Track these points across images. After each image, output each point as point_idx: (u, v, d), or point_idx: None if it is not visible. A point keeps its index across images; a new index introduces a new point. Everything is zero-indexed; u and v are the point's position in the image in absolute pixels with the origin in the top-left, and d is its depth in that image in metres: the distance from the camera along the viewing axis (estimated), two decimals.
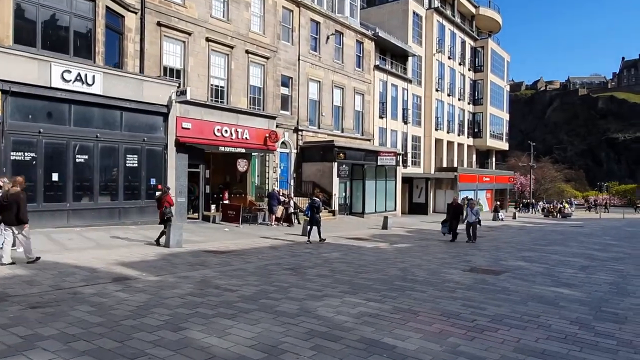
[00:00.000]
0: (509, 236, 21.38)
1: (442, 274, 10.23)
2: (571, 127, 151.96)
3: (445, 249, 15.06)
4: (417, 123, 40.27)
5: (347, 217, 28.10)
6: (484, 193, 48.65)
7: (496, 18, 50.19)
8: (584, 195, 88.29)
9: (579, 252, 15.50)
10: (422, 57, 40.36)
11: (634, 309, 7.59)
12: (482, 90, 47.98)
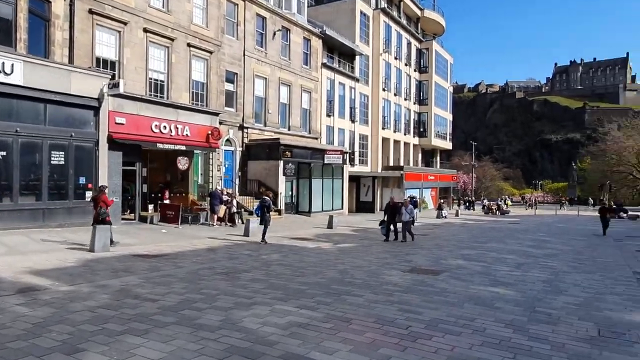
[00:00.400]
0: (451, 234, 21.62)
1: (382, 275, 9.90)
2: (509, 129, 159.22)
3: (388, 249, 14.85)
4: (364, 122, 40.33)
5: (293, 216, 27.56)
6: (429, 191, 49.63)
7: (440, 21, 51.27)
8: (521, 193, 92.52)
9: (515, 249, 15.77)
10: (369, 57, 40.45)
11: (566, 308, 7.53)
12: (427, 91, 48.86)
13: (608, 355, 5.36)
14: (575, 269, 11.66)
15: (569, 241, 19.40)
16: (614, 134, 79.47)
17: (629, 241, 20.05)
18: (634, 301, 8.21)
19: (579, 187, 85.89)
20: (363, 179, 39.69)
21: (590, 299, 8.22)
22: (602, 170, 77.46)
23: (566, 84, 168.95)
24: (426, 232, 21.60)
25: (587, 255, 14.76)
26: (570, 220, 36.72)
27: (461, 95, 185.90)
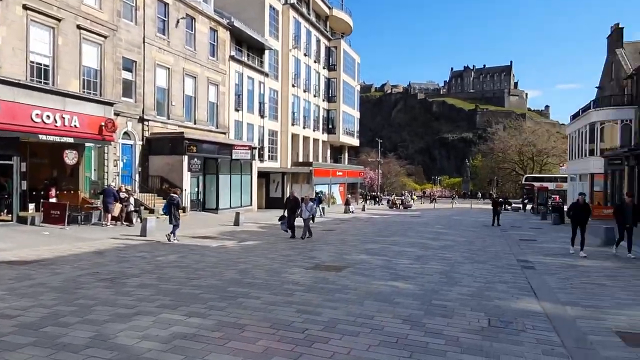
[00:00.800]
0: (357, 228, 21.89)
1: (284, 274, 9.47)
2: (412, 127, 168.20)
3: (293, 245, 14.49)
4: (274, 117, 39.76)
5: (199, 213, 26.24)
6: (337, 187, 50.45)
7: (348, 21, 52.22)
8: (422, 188, 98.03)
9: (416, 241, 16.26)
10: (278, 52, 39.90)
11: (460, 299, 7.65)
12: (336, 89, 49.52)
13: (498, 346, 5.39)
14: (469, 259, 12.18)
15: (463, 232, 20.54)
16: (500, 134, 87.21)
17: (513, 231, 21.72)
18: (519, 289, 8.61)
19: (472, 182, 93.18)
20: (273, 175, 39.17)
21: (481, 289, 8.48)
22: (490, 167, 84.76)
23: (461, 87, 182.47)
24: (333, 228, 21.66)
25: (478, 245, 15.61)
26: (464, 213, 39.35)
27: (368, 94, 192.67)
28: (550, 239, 17.82)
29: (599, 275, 10.12)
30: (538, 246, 15.58)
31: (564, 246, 15.38)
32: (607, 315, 6.78)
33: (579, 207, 13.77)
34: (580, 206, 13.77)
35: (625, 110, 34.47)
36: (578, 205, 13.85)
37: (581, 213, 13.61)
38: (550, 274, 10.16)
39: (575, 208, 13.92)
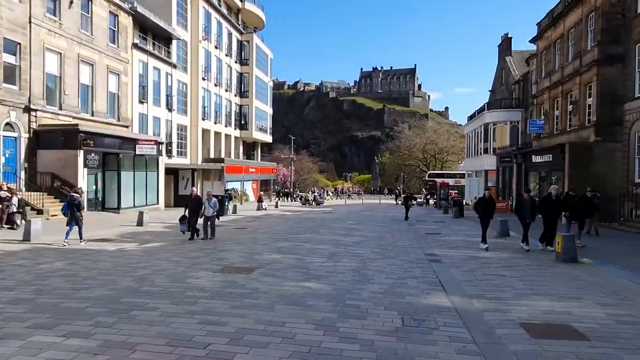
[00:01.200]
0: (269, 225, 21.31)
1: (188, 279, 8.63)
2: (324, 125, 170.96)
3: (201, 246, 13.54)
4: (183, 111, 37.72)
5: (98, 213, 23.93)
6: (250, 183, 49.37)
7: (260, 15, 51.21)
8: (334, 184, 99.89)
9: (328, 238, 16.09)
10: (187, 43, 37.90)
11: (373, 297, 7.44)
12: (248, 84, 48.35)
13: (412, 347, 5.17)
14: (380, 255, 12.19)
15: (373, 228, 20.88)
16: (406, 133, 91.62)
17: (419, 225, 22.56)
18: (428, 283, 8.65)
19: (380, 178, 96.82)
20: (182, 172, 37.16)
21: (393, 285, 8.38)
22: (397, 164, 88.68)
23: (370, 87, 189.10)
24: (245, 226, 20.87)
25: (388, 240, 15.84)
26: (374, 208, 40.49)
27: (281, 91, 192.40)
28: (453, 232, 18.67)
29: (497, 266, 10.59)
30: (442, 239, 16.18)
31: (466, 239, 16.16)
32: (510, 307, 6.94)
33: (486, 201, 13.91)
34: (487, 200, 13.93)
35: (513, 112, 37.66)
36: (485, 200, 14.00)
37: (489, 207, 13.74)
38: (456, 267, 10.43)
39: (483, 203, 13.96)
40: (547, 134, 29.27)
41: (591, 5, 23.72)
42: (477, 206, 14.35)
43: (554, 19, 28.27)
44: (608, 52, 22.57)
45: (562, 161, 24.01)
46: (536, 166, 28.56)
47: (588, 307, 6.96)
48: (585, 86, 24.37)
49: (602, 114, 22.80)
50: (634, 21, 21.58)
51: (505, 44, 42.36)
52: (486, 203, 13.85)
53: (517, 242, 14.28)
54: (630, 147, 21.95)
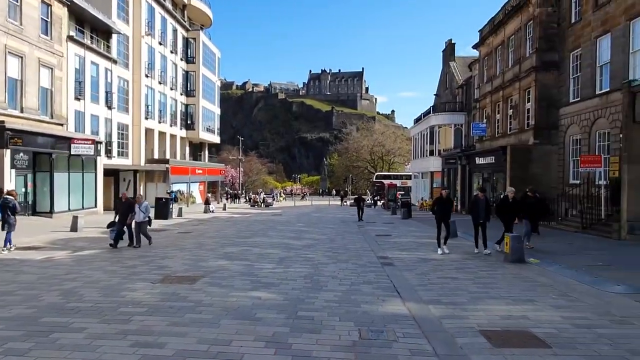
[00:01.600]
0: (216, 229, 20.38)
1: (124, 292, 7.76)
2: (273, 126, 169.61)
3: (141, 252, 12.53)
4: (124, 110, 35.67)
5: (28, 218, 21.93)
6: (197, 185, 47.69)
7: (207, 12, 49.64)
8: (283, 185, 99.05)
9: (278, 241, 15.50)
10: (129, 38, 35.91)
11: (327, 307, 6.95)
12: (195, 83, 46.68)
13: None
14: (332, 259, 11.76)
15: (324, 230, 20.49)
16: (354, 135, 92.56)
17: (369, 226, 22.44)
18: (383, 289, 8.30)
19: (329, 179, 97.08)
20: (123, 173, 35.17)
21: (348, 293, 7.95)
22: (346, 165, 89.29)
23: (318, 89, 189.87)
24: (190, 230, 19.82)
25: (339, 243, 15.48)
26: (323, 210, 40.25)
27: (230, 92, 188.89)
28: (403, 234, 18.64)
29: (450, 268, 10.46)
30: (393, 241, 16.04)
31: (417, 240, 16.12)
32: (467, 312, 6.70)
33: (443, 201, 13.16)
34: (444, 200, 13.17)
35: (457, 115, 38.74)
36: (442, 200, 13.20)
37: (446, 207, 13.09)
38: (408, 270, 10.19)
39: (440, 203, 13.13)
40: (489, 137, 30.24)
41: (529, 14, 24.68)
42: (433, 206, 13.48)
43: (495, 27, 29.26)
44: (545, 59, 23.56)
45: (503, 163, 24.80)
46: (480, 167, 29.41)
47: (543, 310, 6.85)
48: (525, 91, 25.32)
49: (539, 118, 23.76)
50: (568, 30, 22.64)
51: (449, 50, 43.59)
52: (443, 203, 13.10)
53: (466, 242, 14.37)
54: (565, 149, 23.00)
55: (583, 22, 21.30)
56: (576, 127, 21.91)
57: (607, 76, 19.73)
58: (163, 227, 20.61)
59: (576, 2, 22.24)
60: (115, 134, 34.21)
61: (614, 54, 19.13)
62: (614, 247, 13.54)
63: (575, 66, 22.25)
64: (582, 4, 21.45)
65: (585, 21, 21.12)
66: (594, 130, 20.64)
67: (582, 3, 21.45)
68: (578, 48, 21.71)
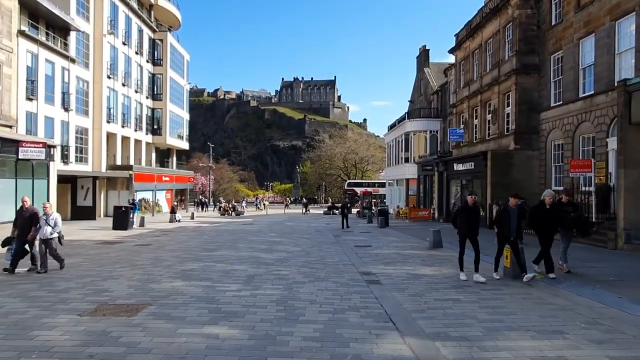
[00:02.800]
0: (179, 241, 18.33)
1: (37, 329, 5.82)
2: (245, 134, 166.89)
3: (83, 272, 10.49)
4: (83, 112, 33.05)
5: None
6: (163, 193, 45.10)
7: (175, 14, 47.38)
8: (255, 194, 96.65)
9: (247, 255, 13.68)
10: (89, 36, 33.42)
11: (306, 349, 5.25)
12: (162, 86, 44.26)
13: None
14: (308, 276, 10.04)
15: (298, 240, 18.75)
16: (327, 142, 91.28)
17: (346, 236, 20.84)
18: (374, 318, 6.66)
19: (302, 187, 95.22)
20: (81, 180, 32.45)
21: (331, 324, 6.26)
22: (319, 173, 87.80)
23: (291, 97, 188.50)
24: (149, 242, 17.71)
25: (315, 256, 13.79)
26: (296, 218, 38.47)
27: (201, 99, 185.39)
28: (384, 244, 17.10)
29: (446, 287, 8.93)
30: (374, 253, 14.47)
31: (400, 252, 14.60)
32: (488, 354, 5.13)
33: (469, 210, 9.70)
34: (470, 210, 9.72)
35: (433, 121, 37.83)
36: (468, 209, 9.72)
37: (473, 218, 9.67)
38: (399, 290, 8.61)
39: (464, 212, 9.75)
40: (466, 143, 29.26)
41: (508, 16, 23.84)
42: (455, 218, 9.97)
43: (472, 30, 28.42)
44: (525, 61, 22.70)
45: (484, 168, 23.72)
46: (458, 174, 28.33)
47: (580, 345, 5.35)
48: (504, 95, 24.41)
49: (520, 122, 22.83)
50: (548, 33, 21.83)
51: (423, 56, 42.84)
52: (469, 213, 9.68)
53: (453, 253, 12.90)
54: (547, 155, 22.09)
55: (564, 24, 20.51)
56: (558, 132, 21.03)
57: (591, 78, 18.90)
58: (119, 239, 18.44)
59: (557, 4, 21.49)
60: (72, 138, 31.56)
61: (598, 55, 18.31)
62: (613, 258, 12.35)
63: (556, 69, 21.44)
64: (564, 5, 20.67)
65: (567, 22, 20.32)
66: (577, 135, 19.75)
67: (564, 4, 20.67)
68: (559, 50, 20.90)
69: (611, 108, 17.24)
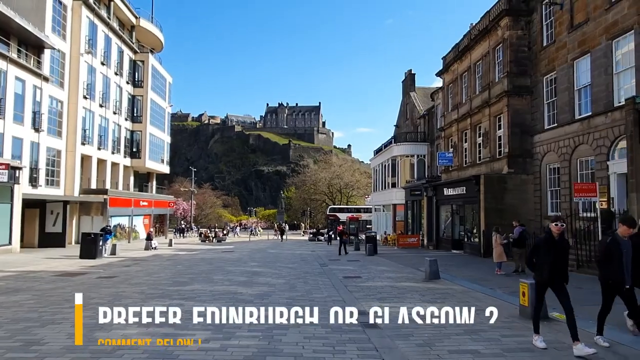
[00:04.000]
0: (150, 272, 16.47)
1: None
2: (229, 159, 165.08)
3: (24, 313, 8.68)
4: (56, 133, 31.21)
5: None
6: (141, 219, 42.90)
7: (158, 36, 46.27)
8: (238, 219, 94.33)
9: (223, 290, 11.98)
10: (65, 55, 31.92)
11: None
12: (142, 108, 42.67)
13: None
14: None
15: (281, 270, 17.05)
16: (312, 167, 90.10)
17: (333, 265, 19.25)
18: None
19: (286, 213, 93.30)
20: (50, 205, 30.32)
21: None
22: (303, 198, 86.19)
23: (276, 123, 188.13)
24: (115, 273, 15.83)
25: (301, 290, 12.17)
26: (280, 245, 36.70)
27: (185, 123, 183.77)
28: (375, 275, 15.54)
29: (458, 332, 7.41)
30: (366, 286, 12.91)
31: (393, 284, 13.07)
32: None
33: (555, 245, 6.45)
34: (557, 243, 6.46)
35: (420, 146, 36.89)
36: (554, 243, 6.46)
37: (560, 257, 6.44)
38: (402, 337, 7.08)
39: (547, 247, 6.46)
40: (456, 167, 28.22)
41: (498, 37, 23.19)
42: (532, 256, 6.78)
43: (459, 52, 27.79)
44: (516, 83, 21.93)
45: (476, 193, 22.56)
46: (448, 199, 27.14)
47: None
48: (495, 117, 23.54)
49: (513, 145, 21.86)
50: (540, 54, 21.15)
51: (409, 80, 42.32)
52: (556, 248, 6.44)
53: (453, 286, 11.42)
54: (541, 179, 21.06)
55: (557, 44, 19.82)
56: (553, 155, 20.06)
57: (588, 100, 18.06)
58: (83, 270, 16.53)
59: (548, 25, 20.88)
60: (43, 160, 29.59)
61: (595, 75, 17.52)
62: None
63: (549, 90, 20.66)
64: (556, 25, 20.04)
65: (560, 43, 19.64)
66: (574, 158, 18.78)
67: (556, 25, 20.04)
68: (552, 71, 20.15)
69: (611, 129, 16.33)
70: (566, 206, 18.94)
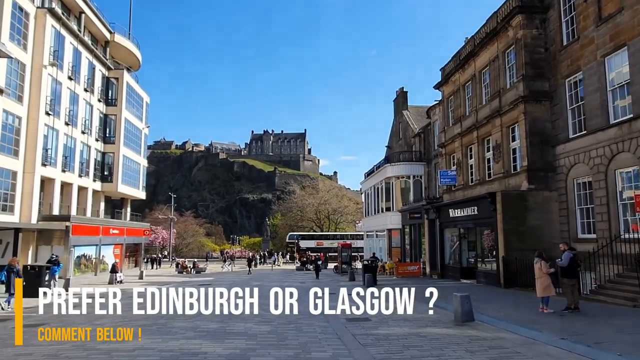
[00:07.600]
0: (90, 318, 12.54)
1: None
2: (213, 187, 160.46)
3: None
4: (12, 152, 27.25)
5: None
6: (111, 248, 38.51)
7: (135, 53, 43.08)
8: (221, 248, 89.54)
9: (179, 347, 8.35)
10: (26, 66, 28.36)
11: None
12: (115, 128, 38.99)
13: None
14: None
15: (266, 313, 13.36)
16: (299, 192, 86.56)
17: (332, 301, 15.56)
18: None
19: (272, 241, 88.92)
20: (1, 233, 26.07)
21: None
22: (289, 226, 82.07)
23: (261, 150, 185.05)
24: (45, 320, 11.96)
25: (293, 343, 8.61)
26: (264, 276, 32.80)
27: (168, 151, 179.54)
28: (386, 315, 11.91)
29: None
30: (382, 334, 9.46)
31: (415, 330, 9.67)
32: None
33: None
34: None
35: (416, 166, 33.88)
36: None
37: None
38: None
39: None
40: (461, 186, 25.12)
41: (509, 39, 20.55)
42: None
43: (461, 61, 25.14)
44: (533, 88, 19.12)
45: (492, 213, 19.32)
46: (455, 221, 23.85)
47: None
48: (508, 128, 20.62)
49: (533, 158, 18.87)
50: (560, 54, 18.45)
51: (401, 99, 39.75)
52: None
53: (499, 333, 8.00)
54: (568, 196, 17.97)
55: (582, 41, 17.13)
56: (584, 167, 17.05)
57: (627, 100, 15.25)
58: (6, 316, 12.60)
59: (568, 21, 18.26)
60: None
61: (634, 72, 14.75)
62: None
63: (573, 94, 17.86)
64: (579, 20, 17.40)
65: (586, 39, 16.95)
66: (611, 169, 15.79)
67: (579, 19, 17.40)
68: (577, 72, 17.39)
69: None
70: (603, 226, 15.82)
